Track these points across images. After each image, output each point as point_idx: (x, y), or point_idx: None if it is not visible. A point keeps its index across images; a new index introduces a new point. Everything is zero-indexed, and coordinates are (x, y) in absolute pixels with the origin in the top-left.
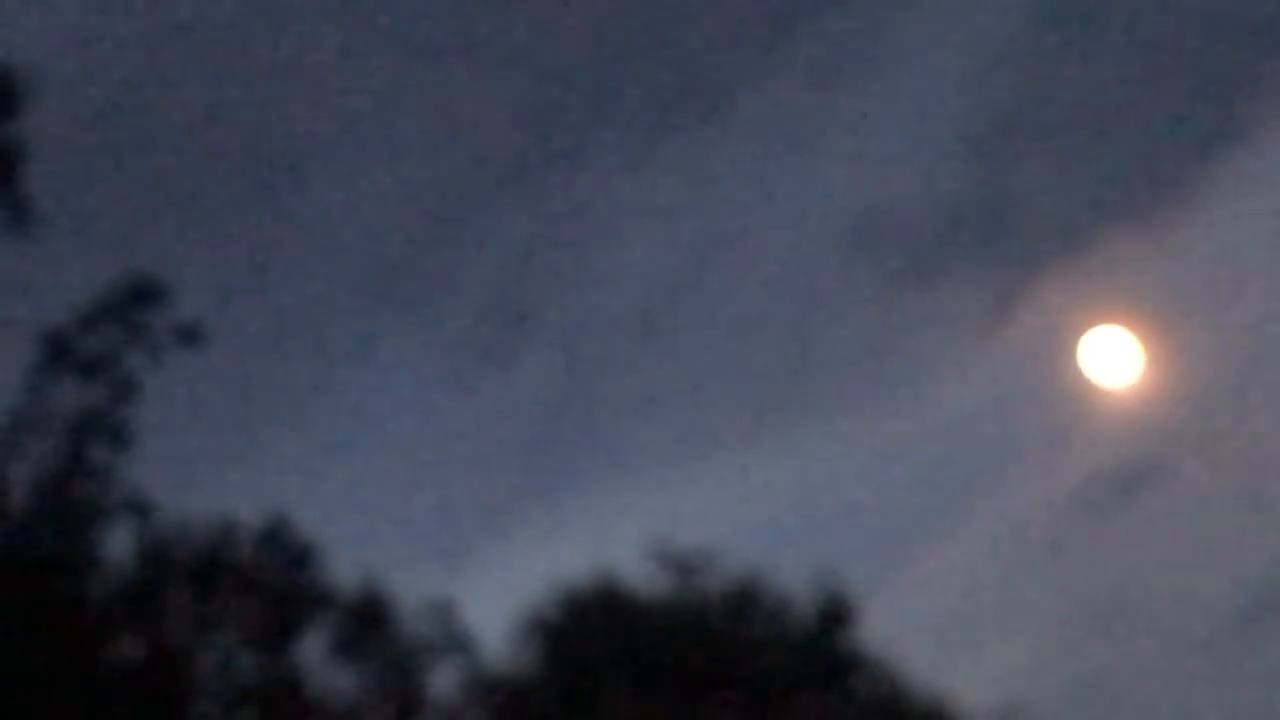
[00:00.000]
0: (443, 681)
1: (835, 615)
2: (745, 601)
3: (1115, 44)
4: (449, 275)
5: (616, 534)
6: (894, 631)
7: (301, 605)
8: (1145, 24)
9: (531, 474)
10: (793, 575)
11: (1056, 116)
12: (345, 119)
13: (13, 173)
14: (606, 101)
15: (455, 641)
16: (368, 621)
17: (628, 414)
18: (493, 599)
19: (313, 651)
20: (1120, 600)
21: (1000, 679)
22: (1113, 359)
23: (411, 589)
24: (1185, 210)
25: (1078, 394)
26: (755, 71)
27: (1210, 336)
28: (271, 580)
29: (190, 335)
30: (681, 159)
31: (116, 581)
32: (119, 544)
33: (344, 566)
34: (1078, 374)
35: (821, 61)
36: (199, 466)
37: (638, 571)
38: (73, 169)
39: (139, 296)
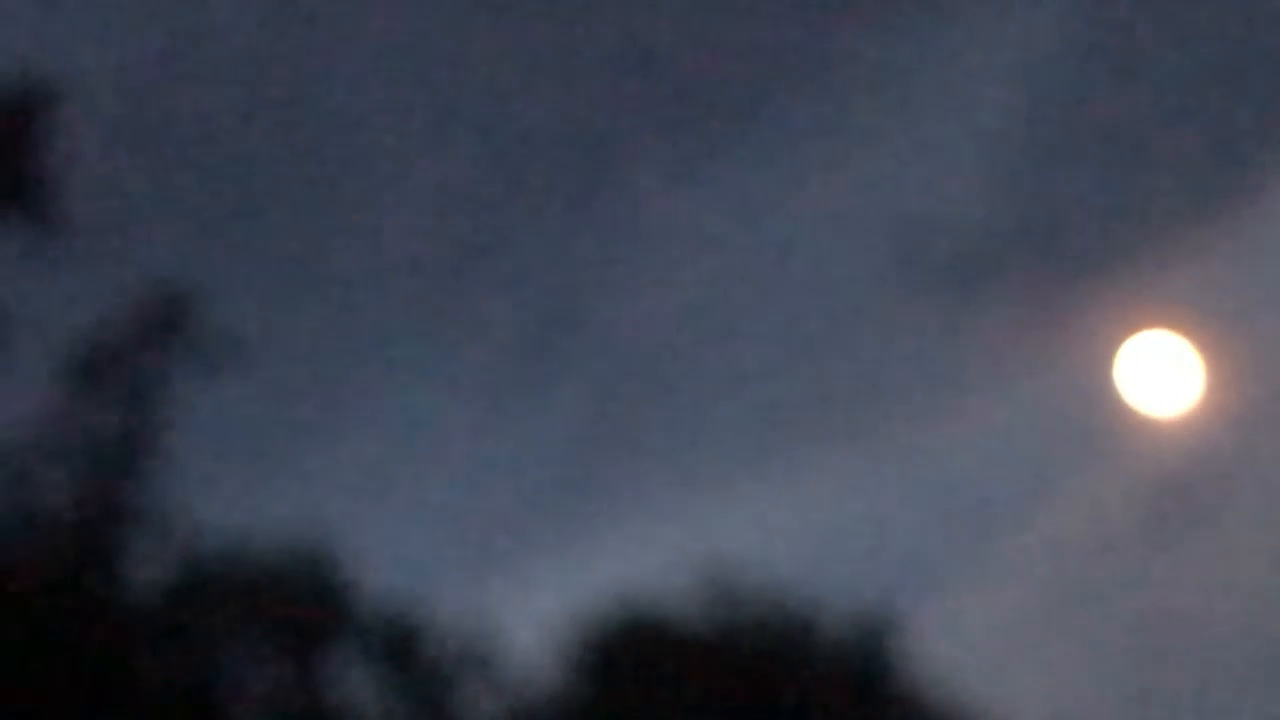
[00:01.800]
0: (477, 703)
1: (879, 635)
2: (786, 622)
3: (1157, 57)
4: (488, 293)
5: (655, 555)
6: (938, 653)
7: (334, 624)
8: (1190, 37)
9: (570, 495)
10: (835, 596)
11: (1098, 130)
12: (383, 138)
13: (47, 187)
14: (641, 122)
15: (490, 663)
16: (401, 642)
17: (667, 435)
18: (529, 621)
19: (345, 671)
20: (1171, 622)
21: (1045, 702)
22: (1158, 377)
23: (446, 610)
24: (1232, 225)
25: (1121, 412)
26: (793, 88)
27: (1263, 355)
28: (305, 598)
29: (226, 352)
30: (719, 179)
31: (149, 599)
32: (151, 561)
33: (378, 585)
34: (1121, 391)
35: (862, 78)
36: (233, 484)
37: (676, 593)
38: (108, 182)
39: (175, 311)
